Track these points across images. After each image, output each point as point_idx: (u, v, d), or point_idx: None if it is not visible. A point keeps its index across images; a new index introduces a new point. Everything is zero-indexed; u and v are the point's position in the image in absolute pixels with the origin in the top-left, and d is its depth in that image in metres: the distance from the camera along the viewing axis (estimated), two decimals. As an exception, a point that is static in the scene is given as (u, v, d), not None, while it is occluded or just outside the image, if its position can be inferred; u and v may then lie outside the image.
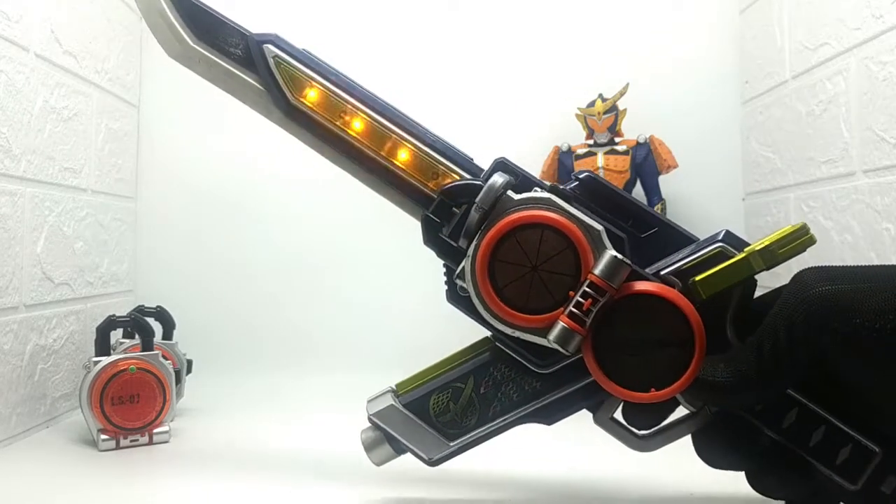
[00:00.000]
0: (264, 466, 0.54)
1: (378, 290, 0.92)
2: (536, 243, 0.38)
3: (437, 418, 0.42)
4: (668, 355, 0.37)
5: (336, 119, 0.42)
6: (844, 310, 0.32)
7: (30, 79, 0.65)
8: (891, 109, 0.62)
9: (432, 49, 0.94)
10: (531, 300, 0.38)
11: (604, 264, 0.37)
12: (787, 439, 0.37)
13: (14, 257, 0.61)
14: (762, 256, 0.37)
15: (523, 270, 0.38)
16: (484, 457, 0.46)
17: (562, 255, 0.38)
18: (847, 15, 0.69)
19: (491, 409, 0.42)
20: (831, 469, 0.36)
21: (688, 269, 0.38)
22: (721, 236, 0.39)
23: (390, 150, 0.42)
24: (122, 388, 0.58)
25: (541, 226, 0.38)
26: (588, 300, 0.36)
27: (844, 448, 0.36)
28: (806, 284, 0.34)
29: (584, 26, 0.95)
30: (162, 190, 0.93)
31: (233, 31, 0.43)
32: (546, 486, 0.50)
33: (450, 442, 0.42)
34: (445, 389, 0.42)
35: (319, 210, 0.93)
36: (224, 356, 0.88)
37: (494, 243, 0.38)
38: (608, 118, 0.85)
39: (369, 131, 0.42)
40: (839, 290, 0.33)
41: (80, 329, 0.74)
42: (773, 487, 0.38)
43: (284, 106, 0.42)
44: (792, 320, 0.33)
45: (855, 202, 0.68)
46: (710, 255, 0.38)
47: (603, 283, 0.36)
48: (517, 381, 0.42)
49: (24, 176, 0.63)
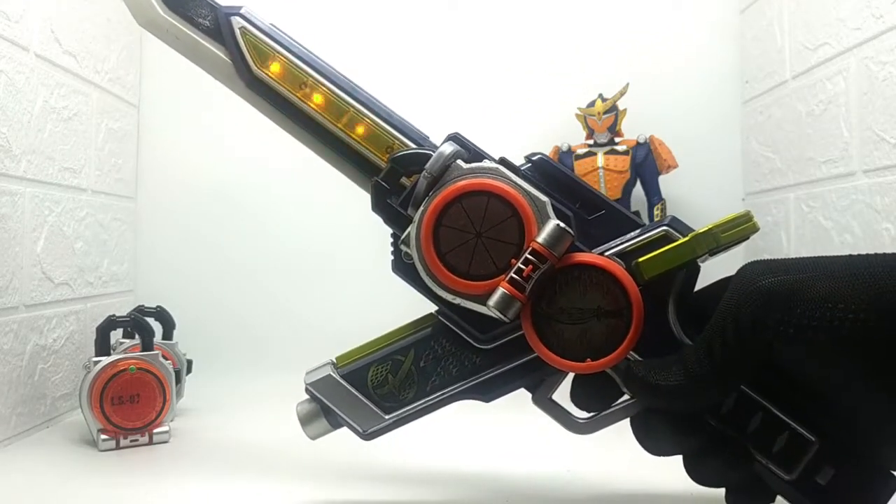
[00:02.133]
0: (264, 466, 0.54)
1: (379, 290, 0.92)
2: (482, 211, 0.38)
3: (375, 390, 0.42)
4: (606, 326, 0.38)
5: (296, 90, 0.43)
6: (785, 301, 0.32)
7: (30, 79, 0.65)
8: (891, 109, 0.62)
9: (432, 49, 0.94)
10: (473, 266, 0.38)
11: (547, 232, 0.37)
12: (725, 425, 0.37)
13: (14, 257, 0.61)
14: (705, 240, 0.37)
15: (467, 237, 0.39)
16: (484, 458, 0.46)
17: (506, 223, 0.38)
18: (847, 15, 0.69)
19: (429, 383, 0.42)
20: (767, 458, 0.36)
21: (632, 251, 0.39)
22: (667, 221, 0.39)
23: (347, 123, 0.43)
24: (122, 388, 0.58)
25: (487, 193, 0.38)
26: (529, 267, 0.37)
27: (781, 436, 0.36)
28: (749, 278, 0.33)
29: (584, 26, 0.95)
30: (162, 190, 0.93)
31: (202, 2, 0.44)
32: (544, 487, 0.50)
33: (386, 415, 0.42)
34: (385, 361, 0.42)
35: (320, 210, 0.93)
36: (224, 356, 0.88)
37: (441, 209, 0.39)
38: (608, 118, 0.85)
39: (328, 104, 0.43)
40: (781, 281, 0.32)
41: (80, 329, 0.74)
42: (711, 476, 0.37)
43: (247, 76, 0.43)
44: (737, 316, 0.33)
45: (855, 202, 0.68)
46: (654, 238, 0.39)
47: (545, 251, 0.37)
48: (457, 356, 0.42)
49: (24, 176, 0.63)
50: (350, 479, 0.51)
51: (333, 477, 0.51)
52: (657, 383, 0.35)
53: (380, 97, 0.44)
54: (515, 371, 0.41)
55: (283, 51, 0.43)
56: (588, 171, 0.84)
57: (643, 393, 0.36)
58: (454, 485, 0.50)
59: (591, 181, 0.84)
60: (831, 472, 0.35)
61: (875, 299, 0.30)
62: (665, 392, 0.35)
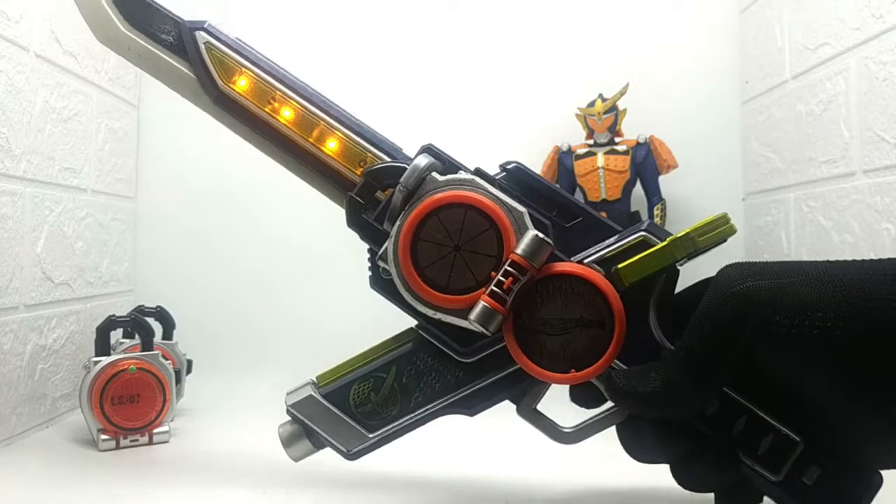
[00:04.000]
0: (264, 467, 0.54)
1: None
2: (460, 223, 0.38)
3: (358, 409, 0.42)
4: (588, 336, 0.37)
5: (265, 105, 0.42)
6: (764, 307, 0.32)
7: (30, 79, 0.65)
8: (891, 109, 0.62)
9: (432, 49, 0.94)
10: (453, 280, 0.38)
11: (525, 243, 0.37)
12: (710, 428, 0.36)
13: (14, 257, 0.61)
14: (682, 244, 0.37)
15: (446, 250, 0.38)
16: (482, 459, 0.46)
17: (484, 235, 0.38)
18: (847, 15, 0.69)
19: (413, 400, 0.41)
20: (753, 459, 0.36)
21: (611, 258, 0.39)
22: (644, 226, 0.39)
23: (318, 137, 0.42)
24: (122, 388, 0.58)
25: (464, 206, 0.38)
26: (509, 279, 0.36)
27: (766, 438, 0.36)
28: (728, 282, 0.33)
29: (584, 26, 0.95)
30: (162, 190, 0.93)
31: (165, 17, 0.43)
32: (543, 489, 0.50)
33: (370, 433, 0.41)
34: (367, 379, 0.42)
35: (320, 210, 0.92)
36: (224, 356, 0.88)
37: (417, 223, 0.38)
38: (608, 118, 0.85)
39: (298, 118, 0.42)
40: (759, 286, 0.32)
41: (80, 329, 0.74)
42: (699, 480, 0.37)
43: (214, 92, 0.42)
44: (715, 320, 0.33)
45: (855, 202, 0.68)
46: (632, 243, 0.39)
47: (524, 262, 0.37)
48: (440, 371, 0.41)
49: (24, 176, 0.63)
50: (351, 478, 0.51)
51: (333, 477, 0.51)
52: (638, 391, 0.35)
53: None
54: (498, 384, 0.41)
55: (249, 65, 0.42)
56: (588, 171, 0.84)
57: (625, 401, 0.36)
58: (459, 486, 0.50)
59: (591, 181, 0.84)
60: (817, 471, 0.35)
61: (854, 308, 0.30)
62: (645, 399, 0.35)
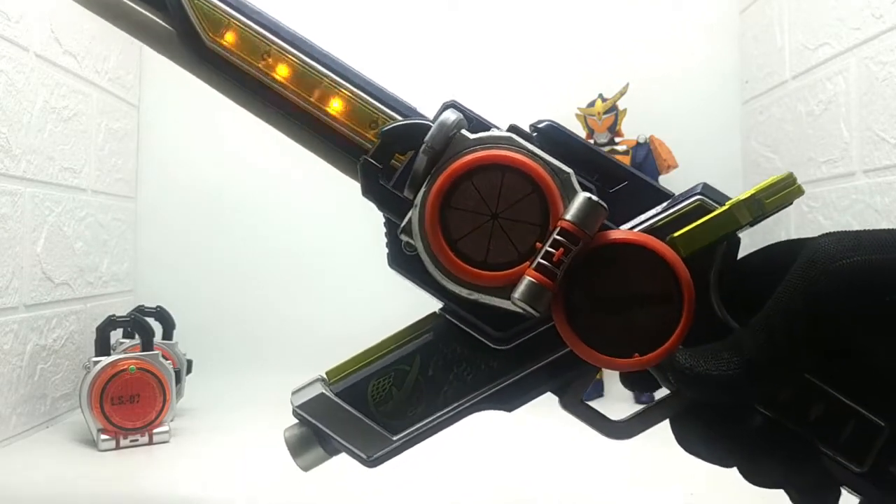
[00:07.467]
0: (264, 466, 0.54)
1: (379, 290, 0.92)
2: (496, 188, 0.33)
3: (378, 408, 0.36)
4: (653, 313, 0.32)
5: (257, 61, 0.37)
6: (876, 286, 0.28)
7: (30, 79, 0.64)
8: (891, 109, 0.62)
9: (432, 49, 0.94)
10: (492, 254, 0.33)
11: (577, 207, 0.32)
12: (783, 416, 0.32)
13: (14, 257, 0.61)
14: (748, 207, 0.33)
15: (481, 219, 0.33)
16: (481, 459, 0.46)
17: (526, 200, 0.33)
18: (847, 15, 0.68)
19: (441, 395, 0.36)
20: (834, 449, 0.32)
21: (664, 226, 0.34)
22: (699, 189, 0.34)
23: (321, 97, 0.37)
24: (122, 388, 0.58)
25: (501, 167, 0.33)
26: (559, 249, 0.31)
27: (847, 424, 0.32)
28: (828, 254, 0.29)
29: (584, 26, 0.95)
30: (162, 190, 0.93)
31: None
32: (542, 487, 0.50)
33: (393, 436, 0.35)
34: (387, 373, 0.36)
35: (320, 210, 0.93)
36: (224, 356, 0.88)
37: (447, 189, 0.33)
38: (608, 118, 0.85)
39: (296, 76, 0.37)
40: (868, 261, 0.28)
41: (80, 329, 0.74)
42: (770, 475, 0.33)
43: (198, 48, 0.37)
44: (814, 297, 0.29)
45: (855, 202, 0.68)
46: (688, 209, 0.34)
47: (576, 230, 0.31)
48: (471, 361, 0.36)
49: (24, 176, 0.63)
50: (351, 479, 0.51)
51: (334, 477, 0.51)
52: (708, 373, 0.30)
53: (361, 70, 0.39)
54: (541, 373, 0.35)
55: (240, 17, 0.37)
56: (588, 171, 0.84)
57: (692, 385, 0.31)
58: (463, 487, 0.50)
59: (591, 181, 0.84)
60: None
61: None
62: (717, 383, 0.30)
